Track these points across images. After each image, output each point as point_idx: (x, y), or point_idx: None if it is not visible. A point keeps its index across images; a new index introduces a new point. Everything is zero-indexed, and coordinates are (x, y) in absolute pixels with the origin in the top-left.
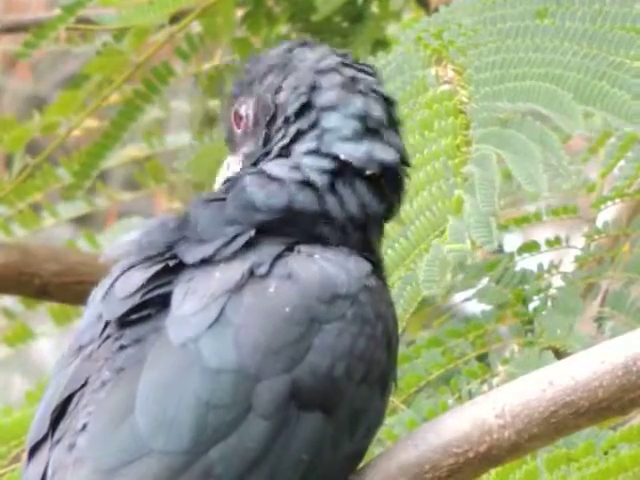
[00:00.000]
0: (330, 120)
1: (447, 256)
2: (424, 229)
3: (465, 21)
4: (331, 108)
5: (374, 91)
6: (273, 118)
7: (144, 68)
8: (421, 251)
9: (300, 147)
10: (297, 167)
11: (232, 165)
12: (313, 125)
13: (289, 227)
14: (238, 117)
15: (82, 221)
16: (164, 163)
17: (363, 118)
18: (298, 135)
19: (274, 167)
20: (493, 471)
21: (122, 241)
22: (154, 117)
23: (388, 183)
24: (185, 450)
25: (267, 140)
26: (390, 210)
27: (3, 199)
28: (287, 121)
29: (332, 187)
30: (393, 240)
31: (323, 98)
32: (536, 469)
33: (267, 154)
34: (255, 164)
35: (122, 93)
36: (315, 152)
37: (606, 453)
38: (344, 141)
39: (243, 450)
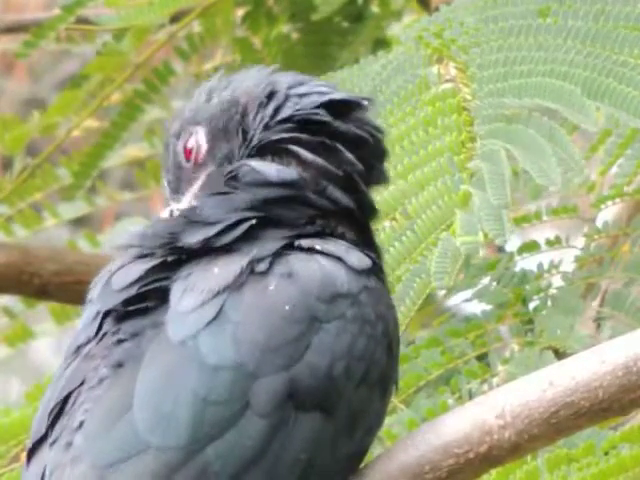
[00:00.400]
0: (300, 89)
1: (459, 248)
2: (431, 223)
3: (467, 20)
4: (297, 84)
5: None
6: (243, 117)
7: (144, 68)
8: (428, 245)
9: (282, 114)
10: (291, 127)
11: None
12: (286, 98)
13: (295, 210)
14: (188, 150)
15: (80, 222)
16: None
17: (330, 86)
18: (277, 110)
19: (268, 136)
20: (493, 471)
21: (127, 233)
22: (154, 117)
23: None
24: (182, 446)
25: (243, 136)
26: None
27: (3, 199)
28: (260, 106)
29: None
30: (400, 234)
31: (285, 81)
32: (537, 469)
33: (250, 143)
34: (242, 158)
35: (122, 93)
36: (298, 111)
37: (607, 453)
38: (323, 95)
39: (240, 448)
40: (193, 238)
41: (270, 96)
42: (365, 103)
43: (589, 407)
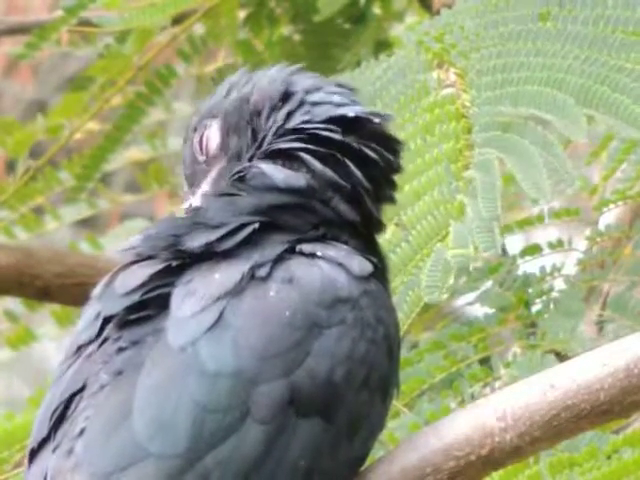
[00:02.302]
0: (315, 96)
1: (450, 261)
2: (426, 234)
3: (467, 24)
4: (314, 89)
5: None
6: (253, 116)
7: (146, 70)
8: (423, 256)
9: (294, 122)
10: (302, 137)
11: (195, 203)
12: (301, 104)
13: (299, 217)
14: (202, 143)
15: (84, 224)
16: (167, 165)
17: (346, 94)
18: (289, 115)
19: (279, 144)
20: (495, 475)
21: (131, 238)
22: (157, 119)
23: (384, 146)
24: (181, 454)
25: (253, 136)
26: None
27: (5, 202)
28: (273, 109)
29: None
30: (395, 245)
31: (302, 84)
32: (539, 473)
33: (260, 145)
34: (251, 159)
35: (124, 95)
36: (309, 121)
37: (609, 457)
38: (337, 107)
39: (240, 455)
40: (195, 242)
41: (284, 99)
42: (377, 121)
43: (590, 410)
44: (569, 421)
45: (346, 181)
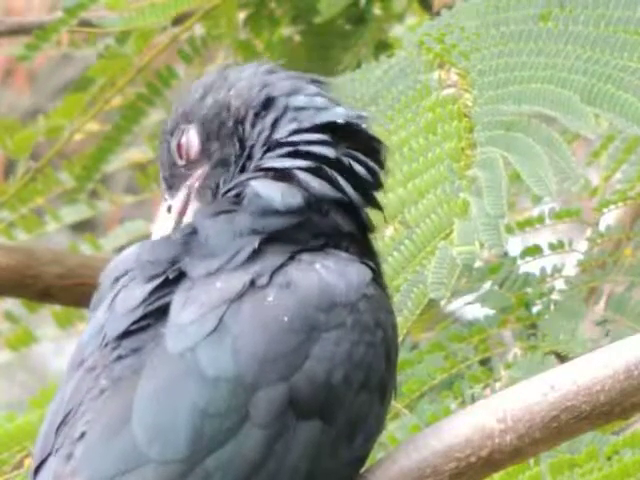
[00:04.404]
0: (298, 100)
1: (456, 258)
2: (430, 232)
3: (468, 24)
4: (294, 92)
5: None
6: (237, 124)
7: (146, 71)
8: (427, 254)
9: (283, 131)
10: (294, 151)
11: (175, 205)
12: (285, 110)
13: (301, 232)
14: (180, 147)
15: (82, 226)
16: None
17: (325, 94)
18: (275, 123)
19: (272, 162)
20: (496, 476)
21: (120, 258)
22: (157, 120)
23: (372, 151)
24: (181, 459)
25: (240, 145)
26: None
27: (5, 203)
28: (257, 116)
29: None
30: (399, 242)
31: (281, 87)
32: (539, 475)
33: (249, 156)
34: (242, 170)
35: (125, 96)
36: (299, 131)
37: (609, 459)
38: (322, 111)
39: (240, 459)
40: (196, 271)
41: (266, 105)
42: (364, 126)
43: (590, 411)
44: (569, 423)
45: (340, 194)
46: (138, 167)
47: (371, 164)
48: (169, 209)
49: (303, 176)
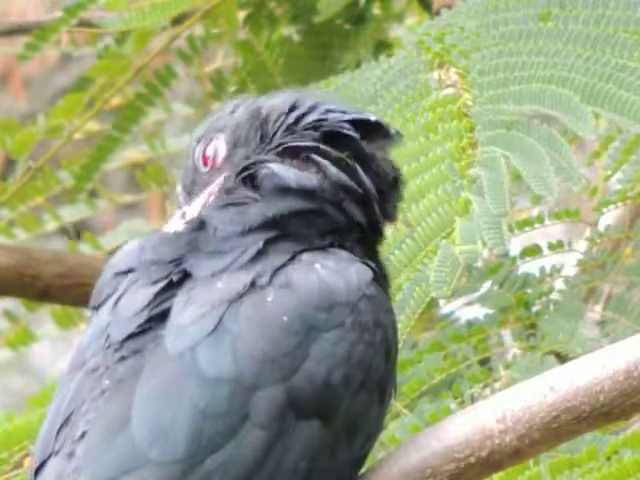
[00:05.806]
0: (327, 106)
1: (458, 257)
2: (431, 231)
3: (467, 24)
4: (320, 103)
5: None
6: (263, 123)
7: (146, 71)
8: (428, 253)
9: (306, 122)
10: (316, 136)
11: (190, 211)
12: (311, 108)
13: (309, 225)
14: (206, 155)
15: (82, 225)
16: (165, 166)
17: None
18: (300, 117)
19: (292, 142)
20: (495, 476)
21: (121, 254)
22: (156, 120)
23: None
24: (181, 459)
25: (261, 138)
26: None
27: (5, 202)
28: (282, 114)
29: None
30: (400, 241)
31: (313, 98)
32: (539, 475)
33: (269, 142)
34: (254, 163)
35: (124, 96)
36: (324, 120)
37: (609, 459)
38: (349, 114)
39: (240, 459)
40: (201, 271)
41: (293, 108)
42: (392, 132)
43: (590, 412)
44: (569, 423)
45: (357, 185)
46: (137, 167)
47: (388, 169)
48: (183, 215)
49: (320, 159)
